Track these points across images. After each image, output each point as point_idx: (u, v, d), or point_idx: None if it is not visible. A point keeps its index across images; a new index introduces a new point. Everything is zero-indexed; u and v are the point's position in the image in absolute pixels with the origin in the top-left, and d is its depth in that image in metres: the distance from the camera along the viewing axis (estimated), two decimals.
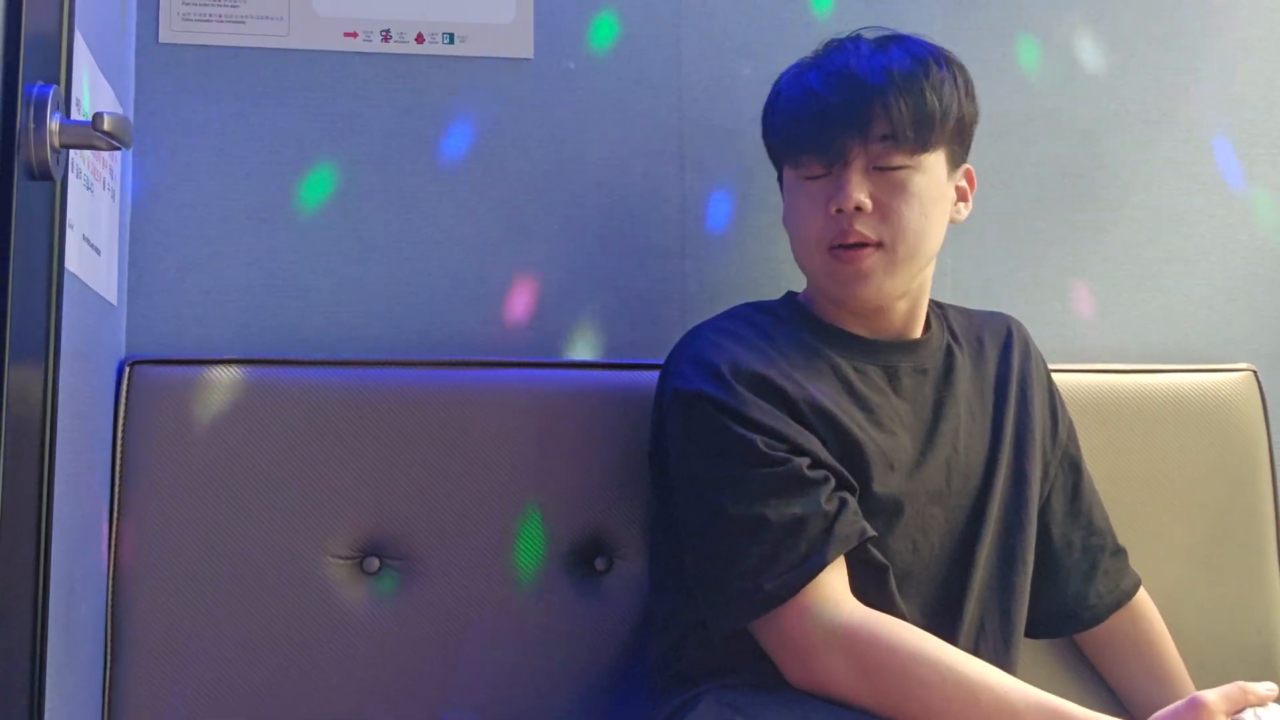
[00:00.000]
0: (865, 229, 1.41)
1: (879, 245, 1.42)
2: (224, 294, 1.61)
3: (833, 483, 1.36)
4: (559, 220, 1.69)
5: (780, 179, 1.54)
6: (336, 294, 1.63)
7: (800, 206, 1.46)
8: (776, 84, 1.53)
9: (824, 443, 1.38)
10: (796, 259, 1.50)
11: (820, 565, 1.30)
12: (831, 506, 1.33)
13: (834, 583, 1.32)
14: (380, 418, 1.55)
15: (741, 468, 1.35)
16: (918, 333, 1.52)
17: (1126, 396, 1.75)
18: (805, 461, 1.35)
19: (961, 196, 1.52)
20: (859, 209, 1.41)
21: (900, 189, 1.42)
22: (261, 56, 1.63)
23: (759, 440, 1.35)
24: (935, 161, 1.44)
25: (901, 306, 1.50)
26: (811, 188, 1.45)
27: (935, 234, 1.46)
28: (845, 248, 1.42)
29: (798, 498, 1.33)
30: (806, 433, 1.37)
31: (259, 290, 1.62)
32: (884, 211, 1.42)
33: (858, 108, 1.41)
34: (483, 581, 1.54)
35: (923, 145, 1.42)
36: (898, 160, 1.42)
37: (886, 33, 1.50)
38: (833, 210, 1.42)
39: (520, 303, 1.67)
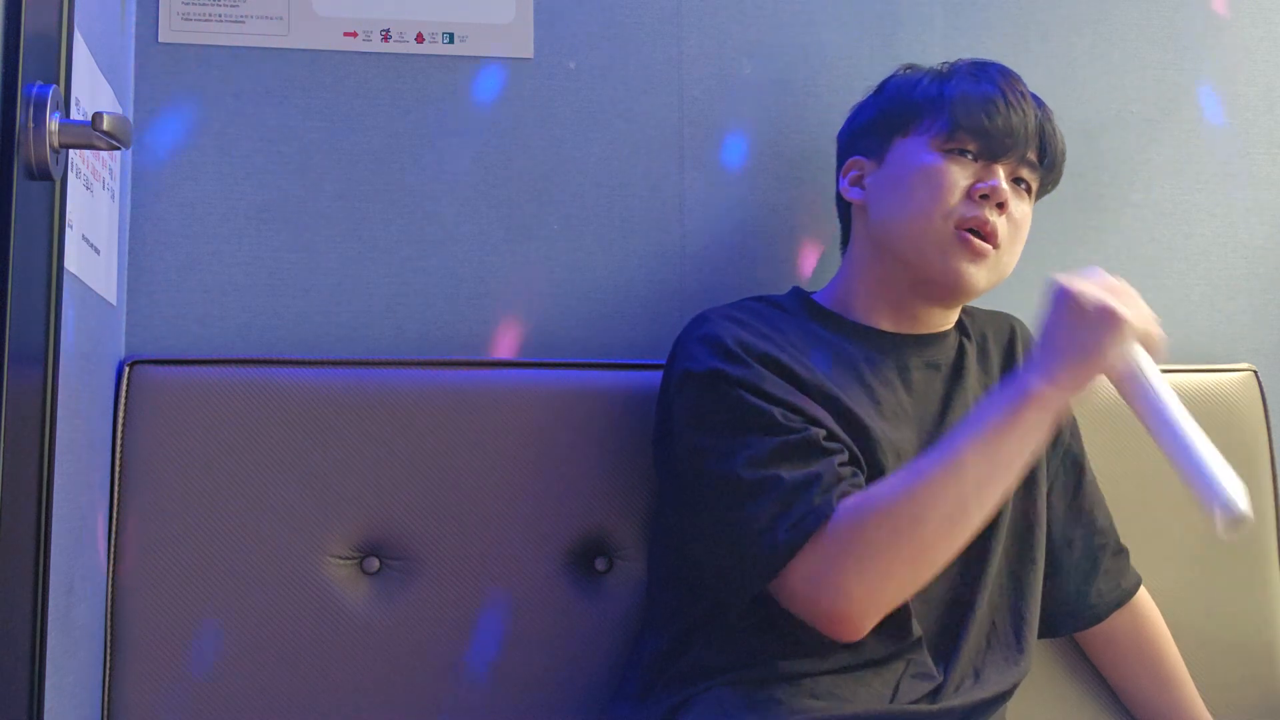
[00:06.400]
0: (1001, 227, 1.44)
1: (997, 248, 1.44)
2: (224, 294, 1.61)
3: (846, 454, 1.36)
4: (559, 220, 1.69)
5: (870, 148, 1.53)
6: (337, 294, 1.63)
7: (935, 174, 1.45)
8: (908, 75, 1.55)
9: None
10: (892, 224, 1.48)
11: (830, 511, 1.29)
12: (846, 471, 1.34)
13: None
14: (380, 418, 1.54)
15: (757, 435, 1.34)
16: (948, 326, 1.53)
17: None
18: (821, 433, 1.35)
19: None
20: (1002, 205, 1.44)
21: (1024, 209, 1.48)
22: (261, 56, 1.63)
23: (776, 411, 1.35)
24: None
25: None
26: (957, 161, 1.45)
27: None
28: (976, 234, 1.43)
29: (812, 461, 1.32)
30: (821, 409, 1.38)
31: (259, 290, 1.61)
32: (1013, 222, 1.46)
33: (1030, 118, 1.46)
34: (483, 582, 1.54)
35: (1048, 180, 1.51)
36: (1030, 182, 1.49)
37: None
38: (977, 195, 1.43)
39: (520, 303, 1.67)
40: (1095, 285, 1.33)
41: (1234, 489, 1.22)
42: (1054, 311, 1.33)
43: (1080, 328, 1.30)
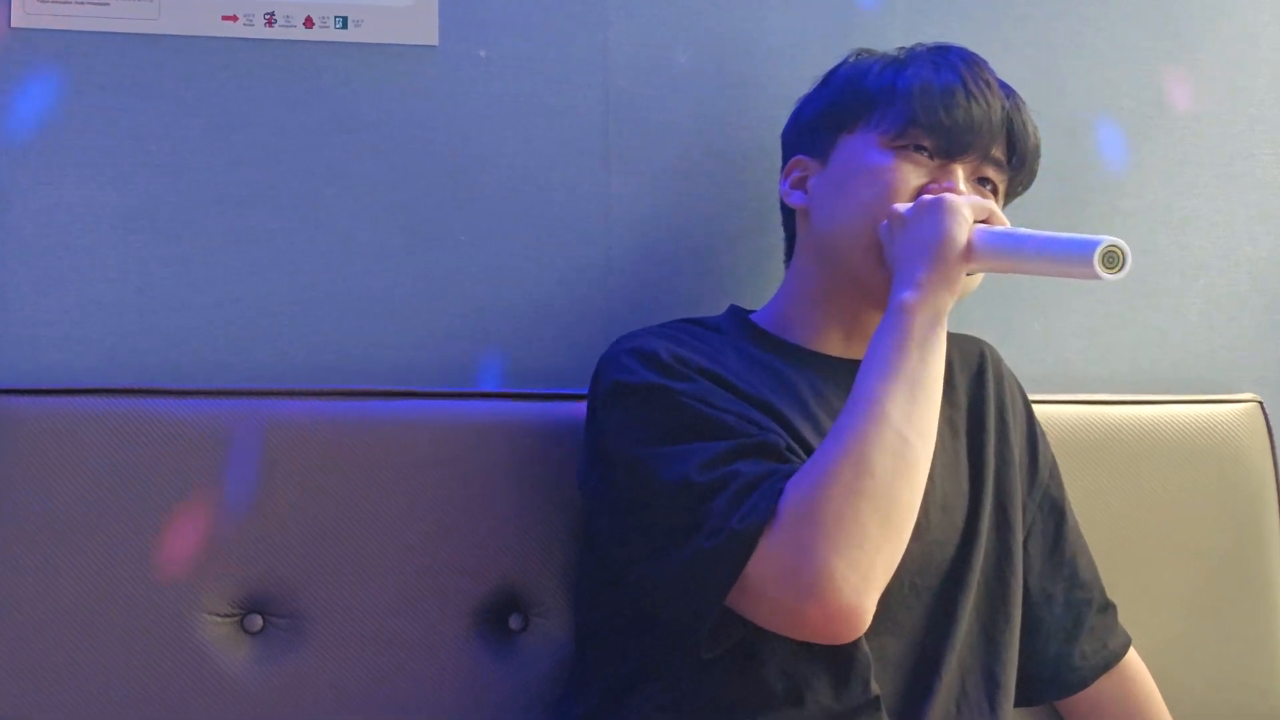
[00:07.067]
0: None
1: None
2: (86, 314, 1.54)
3: None
4: (467, 229, 1.63)
5: (815, 146, 1.47)
6: (215, 314, 1.57)
7: (883, 174, 1.40)
8: (858, 62, 1.50)
9: None
10: (834, 231, 1.43)
11: (779, 491, 1.22)
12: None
13: None
14: (264, 455, 1.47)
15: (709, 440, 1.28)
16: None
17: (1115, 430, 1.70)
18: (781, 441, 1.29)
19: None
20: None
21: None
22: (129, 43, 1.55)
23: (729, 417, 1.29)
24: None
25: None
26: (911, 159, 1.40)
27: None
28: None
29: (771, 461, 1.26)
30: (775, 425, 1.32)
31: (127, 309, 1.55)
32: None
33: (995, 110, 1.41)
34: (381, 643, 1.47)
35: (1018, 180, 1.46)
36: (997, 181, 1.45)
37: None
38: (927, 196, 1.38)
39: (423, 323, 1.61)
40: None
41: (1095, 238, 1.27)
42: (889, 236, 1.36)
43: (915, 227, 1.33)
